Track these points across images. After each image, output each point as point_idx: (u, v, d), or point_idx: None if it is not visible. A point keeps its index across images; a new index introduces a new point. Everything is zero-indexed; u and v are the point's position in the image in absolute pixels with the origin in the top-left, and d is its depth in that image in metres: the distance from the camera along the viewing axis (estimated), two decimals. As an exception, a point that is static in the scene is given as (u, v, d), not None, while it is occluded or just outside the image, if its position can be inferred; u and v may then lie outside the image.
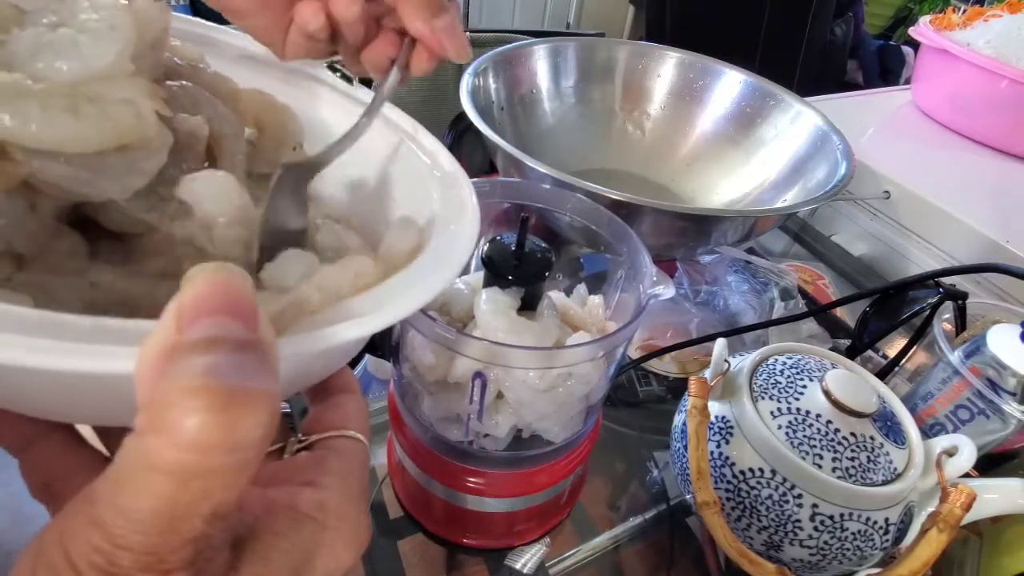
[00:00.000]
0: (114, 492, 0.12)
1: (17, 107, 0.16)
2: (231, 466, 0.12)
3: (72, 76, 0.16)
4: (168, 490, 0.11)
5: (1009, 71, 0.73)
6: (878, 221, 0.72)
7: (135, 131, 0.18)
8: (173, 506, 0.12)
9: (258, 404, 0.11)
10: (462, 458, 0.34)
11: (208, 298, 0.12)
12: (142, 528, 0.12)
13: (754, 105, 0.72)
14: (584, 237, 0.38)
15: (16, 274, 0.17)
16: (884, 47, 1.74)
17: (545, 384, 0.29)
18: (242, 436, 0.11)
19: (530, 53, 0.72)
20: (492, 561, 0.40)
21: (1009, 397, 0.41)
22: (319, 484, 0.18)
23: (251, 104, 0.25)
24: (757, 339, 0.55)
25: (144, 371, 0.12)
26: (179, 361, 0.11)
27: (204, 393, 0.11)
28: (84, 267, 0.19)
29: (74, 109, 0.16)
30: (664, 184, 0.75)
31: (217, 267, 0.13)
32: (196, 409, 0.11)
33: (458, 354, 0.29)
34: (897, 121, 0.88)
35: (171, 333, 0.12)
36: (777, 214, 0.57)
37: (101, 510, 0.12)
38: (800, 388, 0.38)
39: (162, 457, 0.11)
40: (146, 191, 0.19)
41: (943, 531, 0.31)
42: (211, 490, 0.12)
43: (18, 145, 0.16)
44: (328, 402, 0.22)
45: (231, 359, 0.12)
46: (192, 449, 0.11)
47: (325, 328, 0.16)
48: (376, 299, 0.18)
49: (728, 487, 0.37)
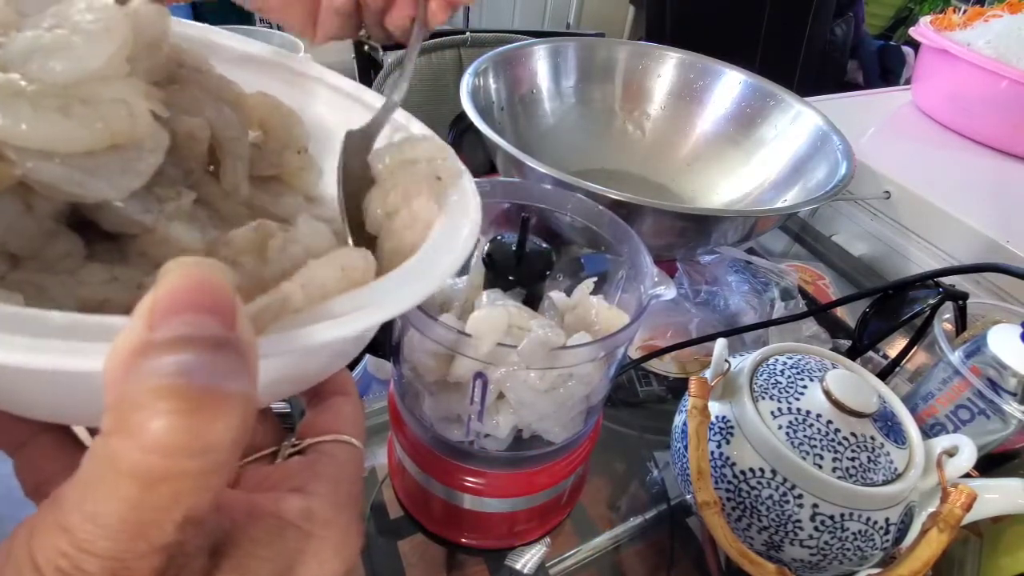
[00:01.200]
0: (81, 496, 0.12)
1: (8, 107, 0.16)
2: (200, 470, 0.11)
3: (65, 76, 0.16)
4: (134, 494, 0.11)
5: (1009, 71, 0.73)
6: (878, 221, 0.72)
7: (127, 131, 0.18)
8: (140, 511, 0.11)
9: (230, 407, 0.11)
10: (462, 458, 0.34)
11: (183, 293, 0.12)
12: (109, 533, 0.11)
13: (754, 105, 0.72)
14: (585, 237, 0.38)
15: (10, 273, 0.17)
16: (884, 47, 1.75)
17: (546, 384, 0.29)
18: (212, 439, 0.11)
19: (530, 53, 0.72)
20: (492, 561, 0.40)
21: (1009, 397, 0.41)
22: (307, 490, 0.18)
23: (256, 107, 0.25)
24: (757, 339, 0.55)
25: (112, 370, 0.11)
26: (148, 360, 0.11)
27: (172, 394, 0.10)
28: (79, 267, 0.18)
29: (65, 109, 0.16)
30: (664, 184, 0.75)
31: (195, 261, 0.12)
32: (163, 411, 0.10)
33: (458, 354, 0.29)
34: (897, 121, 0.88)
35: (142, 330, 0.11)
36: (777, 214, 0.57)
37: (68, 514, 0.12)
38: (800, 388, 0.38)
39: (128, 460, 0.11)
40: (143, 192, 0.19)
41: (943, 531, 0.31)
42: (181, 494, 0.11)
43: (10, 145, 0.16)
44: (323, 405, 0.22)
45: (204, 359, 0.11)
46: (158, 452, 0.11)
47: (309, 326, 0.15)
48: (365, 297, 0.17)
49: (728, 487, 0.37)
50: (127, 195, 0.18)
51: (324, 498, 0.18)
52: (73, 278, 0.18)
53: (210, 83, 0.23)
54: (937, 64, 0.83)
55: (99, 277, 0.18)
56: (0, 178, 0.16)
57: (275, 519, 0.16)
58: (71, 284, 0.18)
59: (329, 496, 0.18)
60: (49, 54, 0.16)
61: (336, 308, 0.16)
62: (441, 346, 0.29)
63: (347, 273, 0.17)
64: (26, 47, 0.17)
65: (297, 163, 0.26)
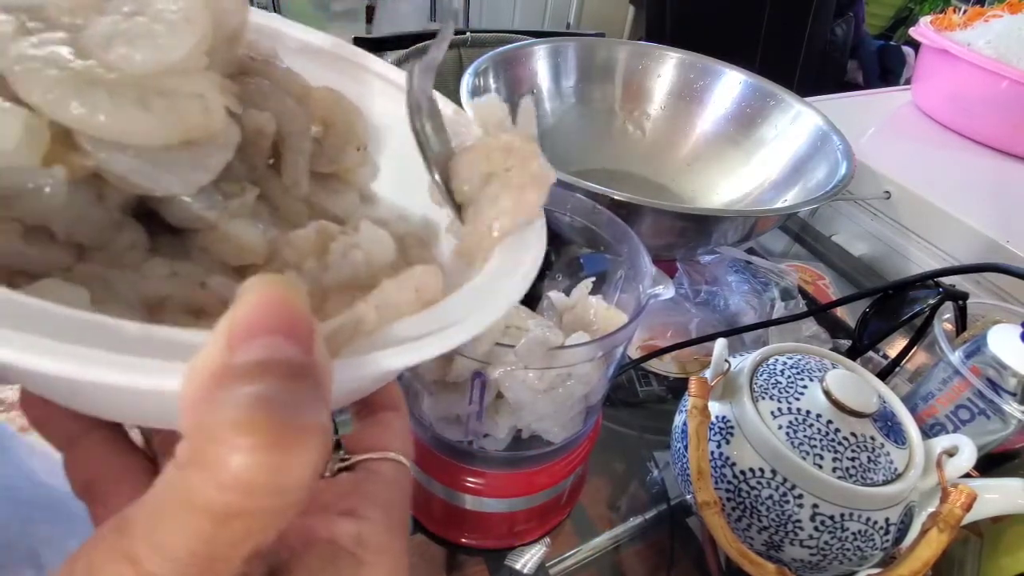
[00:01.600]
0: (150, 526, 0.11)
1: (87, 96, 0.15)
2: (277, 508, 0.11)
3: (145, 67, 0.16)
4: (207, 529, 0.11)
5: (1010, 71, 0.73)
6: (878, 221, 0.72)
7: (202, 127, 0.17)
8: (212, 546, 0.11)
9: (309, 441, 0.11)
10: (462, 458, 0.34)
11: (263, 315, 0.11)
12: (177, 568, 0.11)
13: (754, 105, 0.72)
14: (584, 237, 0.38)
15: (77, 265, 0.17)
16: (884, 47, 1.75)
17: (544, 384, 0.29)
18: (290, 477, 0.10)
19: (530, 53, 0.72)
20: (492, 561, 0.40)
21: (1009, 397, 0.41)
22: (359, 514, 0.17)
23: (321, 102, 0.24)
24: (757, 339, 0.55)
25: (190, 395, 0.11)
26: (227, 388, 0.10)
27: (252, 428, 0.10)
28: (143, 260, 0.18)
29: (143, 101, 0.16)
30: (664, 184, 0.75)
31: (275, 279, 0.12)
32: (243, 447, 0.10)
33: (456, 354, 0.29)
34: (897, 121, 0.88)
35: (221, 354, 0.11)
36: (777, 214, 0.57)
37: (136, 544, 0.11)
38: (800, 388, 0.38)
39: (204, 496, 0.10)
40: (209, 187, 0.18)
41: (943, 531, 0.31)
42: (254, 531, 0.11)
43: (86, 135, 0.15)
44: (372, 419, 0.21)
45: (284, 388, 0.11)
46: (236, 490, 0.10)
47: (382, 350, 0.14)
48: (437, 319, 0.16)
49: (728, 487, 0.37)
50: (196, 191, 0.18)
51: (376, 523, 0.18)
52: (137, 273, 0.17)
53: (278, 76, 0.22)
54: (937, 64, 0.83)
55: (162, 272, 0.17)
56: (75, 169, 0.16)
57: (329, 546, 0.16)
58: (135, 279, 0.17)
59: (381, 521, 0.18)
60: (130, 42, 0.16)
61: (406, 331, 0.15)
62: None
63: (421, 295, 0.16)
64: (107, 33, 0.16)
65: (356, 160, 0.25)
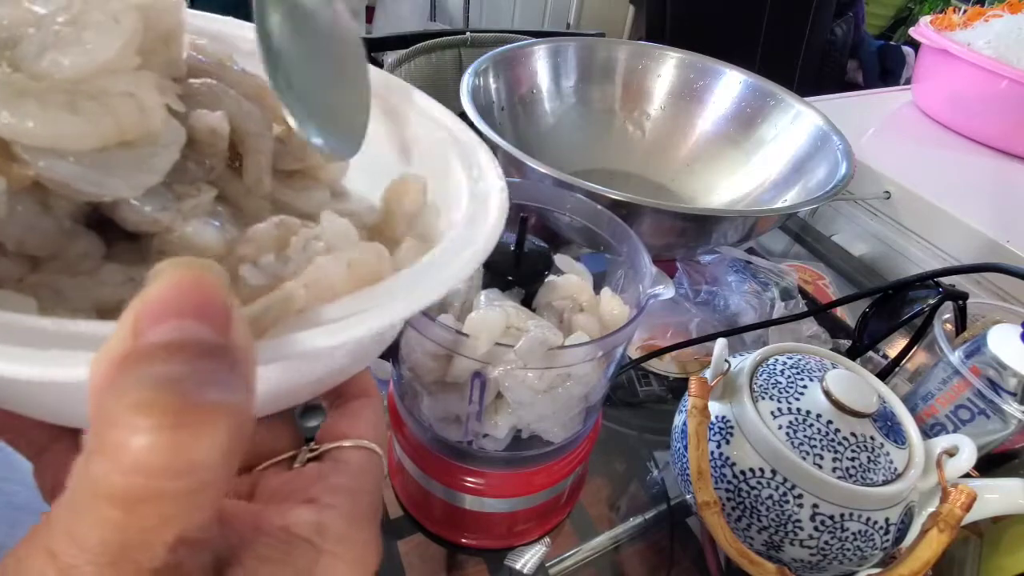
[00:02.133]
0: (67, 518, 0.11)
1: (14, 105, 0.15)
2: (187, 490, 0.10)
3: (74, 71, 0.16)
4: (116, 517, 0.10)
5: (1009, 71, 0.73)
6: (878, 221, 0.72)
7: (138, 126, 0.17)
8: (125, 534, 0.10)
9: (217, 420, 0.10)
10: (461, 458, 0.34)
11: (171, 298, 0.11)
12: (92, 558, 0.10)
13: (754, 105, 0.72)
14: (584, 237, 0.38)
15: (29, 275, 0.17)
16: (884, 47, 1.75)
17: (544, 384, 0.29)
18: (196, 457, 0.10)
19: (530, 53, 0.72)
20: (492, 561, 0.40)
21: (1009, 397, 0.41)
22: (321, 502, 0.17)
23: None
24: (757, 339, 0.55)
25: (96, 382, 0.10)
26: (130, 372, 0.10)
27: (152, 409, 0.10)
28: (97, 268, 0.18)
29: (72, 105, 0.16)
30: (664, 184, 0.75)
31: (186, 262, 0.11)
32: (142, 428, 0.10)
33: (456, 355, 0.29)
34: (897, 121, 0.88)
35: (126, 338, 0.10)
36: (777, 214, 0.57)
37: (55, 537, 0.11)
38: (800, 388, 0.38)
39: (108, 482, 0.10)
40: (161, 190, 0.18)
41: (943, 531, 0.31)
42: (168, 516, 0.11)
43: (21, 144, 0.16)
44: (343, 408, 0.21)
45: (192, 368, 0.10)
46: (138, 472, 0.10)
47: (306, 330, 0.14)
48: (371, 298, 0.16)
49: (728, 487, 0.37)
50: (143, 193, 0.18)
51: (338, 511, 0.17)
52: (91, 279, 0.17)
53: (231, 77, 0.22)
54: (937, 64, 0.83)
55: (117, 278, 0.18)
56: (14, 178, 0.16)
57: (283, 534, 0.16)
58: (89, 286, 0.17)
59: (344, 508, 0.17)
60: (59, 49, 0.16)
61: (341, 310, 0.15)
62: (440, 346, 0.29)
63: (354, 270, 0.16)
64: (39, 44, 0.16)
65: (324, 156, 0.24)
